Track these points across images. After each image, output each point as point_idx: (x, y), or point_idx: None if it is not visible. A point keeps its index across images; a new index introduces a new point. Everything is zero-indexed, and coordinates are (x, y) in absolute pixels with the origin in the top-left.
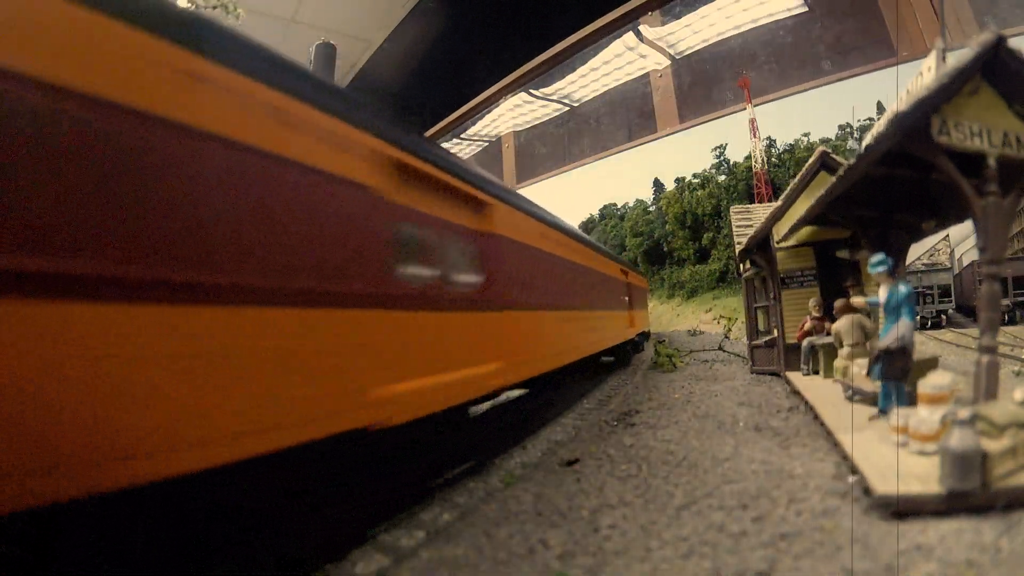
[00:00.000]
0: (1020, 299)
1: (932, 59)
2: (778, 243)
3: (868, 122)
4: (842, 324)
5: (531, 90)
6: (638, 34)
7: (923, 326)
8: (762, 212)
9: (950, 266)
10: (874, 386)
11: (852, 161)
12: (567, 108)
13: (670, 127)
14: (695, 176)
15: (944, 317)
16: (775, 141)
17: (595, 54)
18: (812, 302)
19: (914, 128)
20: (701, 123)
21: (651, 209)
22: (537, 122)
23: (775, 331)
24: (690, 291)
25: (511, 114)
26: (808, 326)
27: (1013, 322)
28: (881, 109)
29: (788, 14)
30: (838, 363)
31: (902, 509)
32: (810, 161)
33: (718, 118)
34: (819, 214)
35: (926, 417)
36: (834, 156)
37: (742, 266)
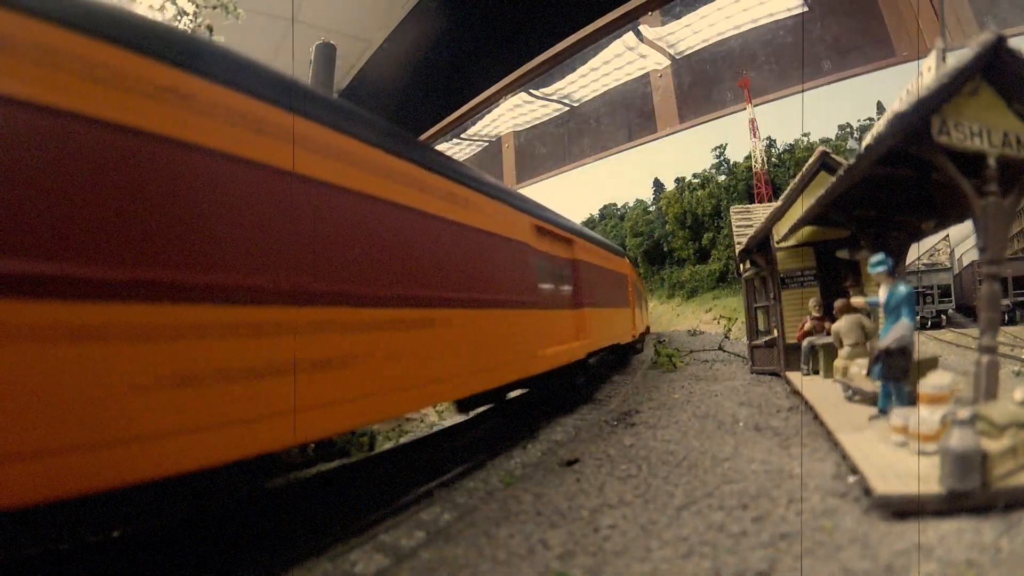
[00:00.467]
0: (1020, 299)
1: (932, 59)
2: (778, 243)
3: (868, 122)
4: (842, 324)
5: (531, 90)
6: (638, 34)
7: (923, 326)
8: (762, 212)
9: (950, 266)
10: (874, 386)
11: (852, 161)
12: (567, 108)
13: (670, 127)
14: (695, 176)
15: (944, 317)
16: (775, 141)
17: (595, 54)
18: (812, 302)
19: (914, 128)
20: (701, 123)
21: (651, 209)
22: (537, 122)
23: (775, 331)
24: (690, 291)
25: (511, 114)
26: (808, 326)
27: (1013, 322)
28: (881, 109)
29: (788, 14)
30: (838, 363)
31: (902, 509)
32: (810, 161)
33: (718, 118)
34: (819, 214)
35: (926, 417)
36: (834, 156)
37: (742, 266)
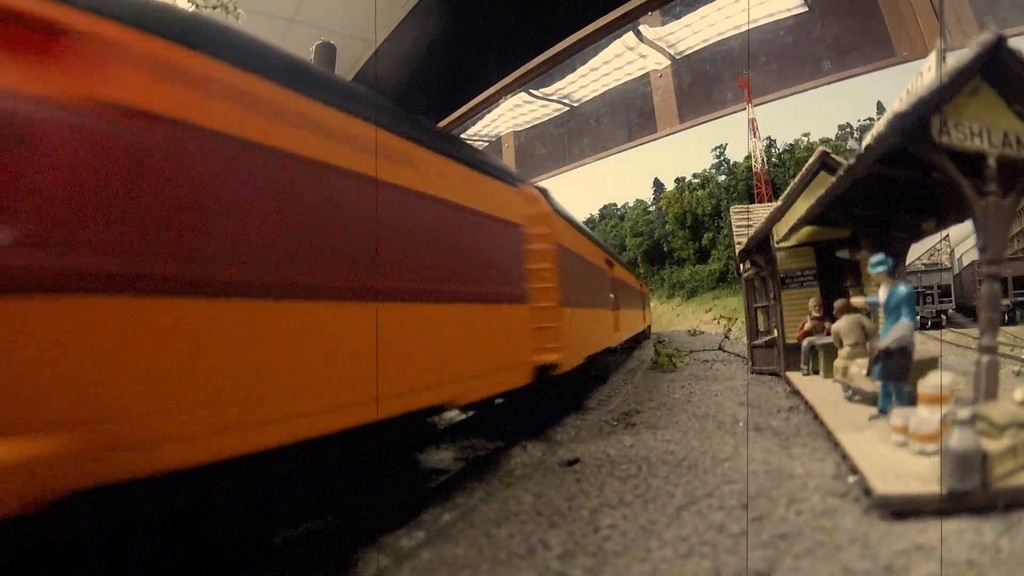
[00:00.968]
0: (1020, 299)
1: (932, 59)
2: (778, 243)
3: (868, 122)
4: (842, 324)
5: (531, 90)
6: (638, 34)
7: (923, 326)
8: (762, 212)
9: (950, 266)
10: (874, 386)
11: (852, 161)
12: (567, 108)
13: (670, 127)
14: (695, 176)
15: (944, 317)
16: (775, 141)
17: (595, 54)
18: (812, 302)
19: (914, 128)
20: (701, 123)
21: (651, 209)
22: (537, 122)
23: (775, 331)
24: (690, 291)
25: (511, 114)
26: (808, 326)
27: (1013, 322)
28: (881, 109)
29: (788, 14)
30: (838, 363)
31: (902, 509)
32: (810, 161)
33: (718, 118)
34: (819, 214)
35: (926, 417)
36: (834, 156)
37: (742, 266)
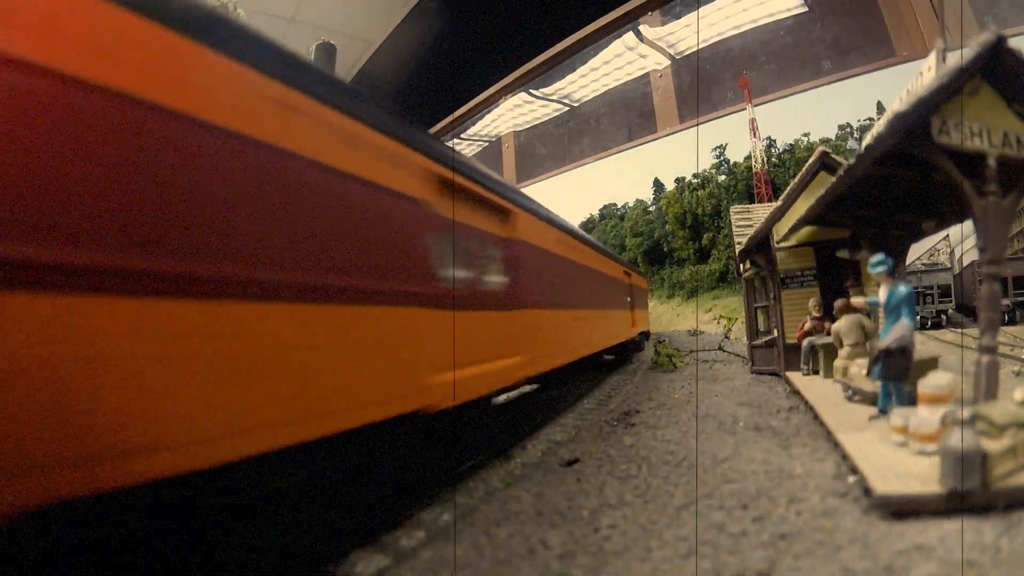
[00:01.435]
0: (1020, 299)
1: (932, 59)
2: (778, 243)
3: (868, 122)
4: (842, 324)
5: (531, 90)
6: (638, 34)
7: (923, 326)
8: (762, 212)
9: (950, 266)
10: (874, 386)
11: (852, 161)
12: (567, 108)
13: (670, 127)
14: (695, 176)
15: (944, 317)
16: (775, 141)
17: (595, 54)
18: (812, 302)
19: (914, 128)
20: (701, 123)
21: (651, 209)
22: (537, 122)
23: (775, 331)
24: (690, 291)
25: (511, 114)
26: (808, 326)
27: (1013, 322)
28: (881, 109)
29: (788, 14)
30: (838, 363)
31: (902, 509)
32: (810, 161)
33: (718, 118)
34: (819, 214)
35: (926, 417)
36: (834, 156)
37: (742, 266)
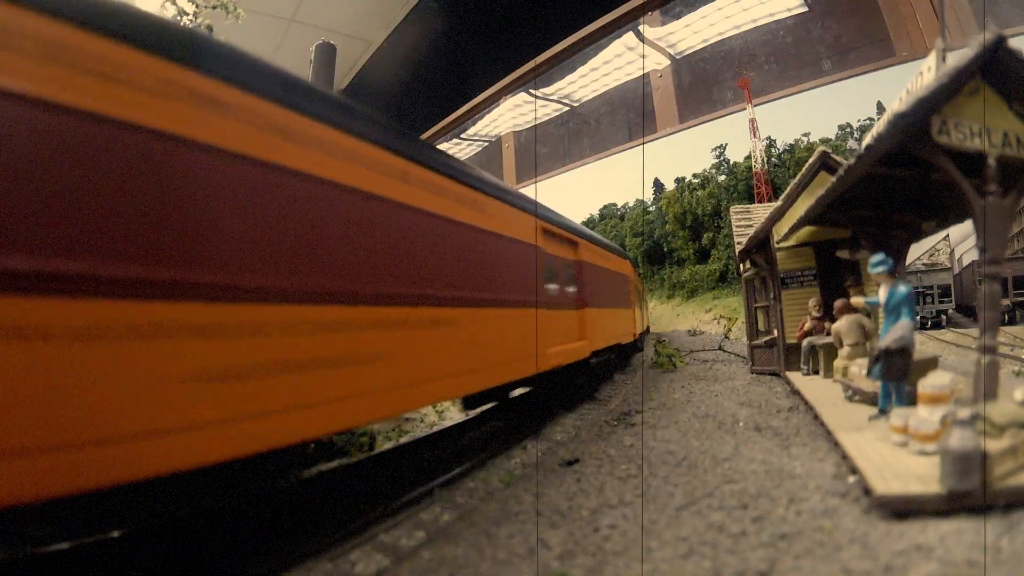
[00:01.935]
0: (1020, 299)
1: (932, 59)
2: (778, 243)
3: (868, 122)
4: (842, 324)
5: (531, 90)
6: (638, 34)
7: (923, 326)
8: (762, 212)
9: (950, 266)
10: (874, 386)
11: (852, 161)
12: (567, 108)
13: (670, 127)
14: (695, 176)
15: (944, 317)
16: (775, 141)
17: (595, 54)
18: (812, 302)
19: (914, 128)
20: (701, 123)
21: (651, 209)
22: (537, 122)
23: (775, 331)
24: (690, 291)
25: (511, 114)
26: (808, 326)
27: (1013, 322)
28: (881, 109)
29: (788, 14)
30: (838, 363)
31: (902, 509)
32: (810, 161)
33: (718, 118)
34: (819, 214)
35: (926, 417)
36: (834, 156)
37: (742, 266)
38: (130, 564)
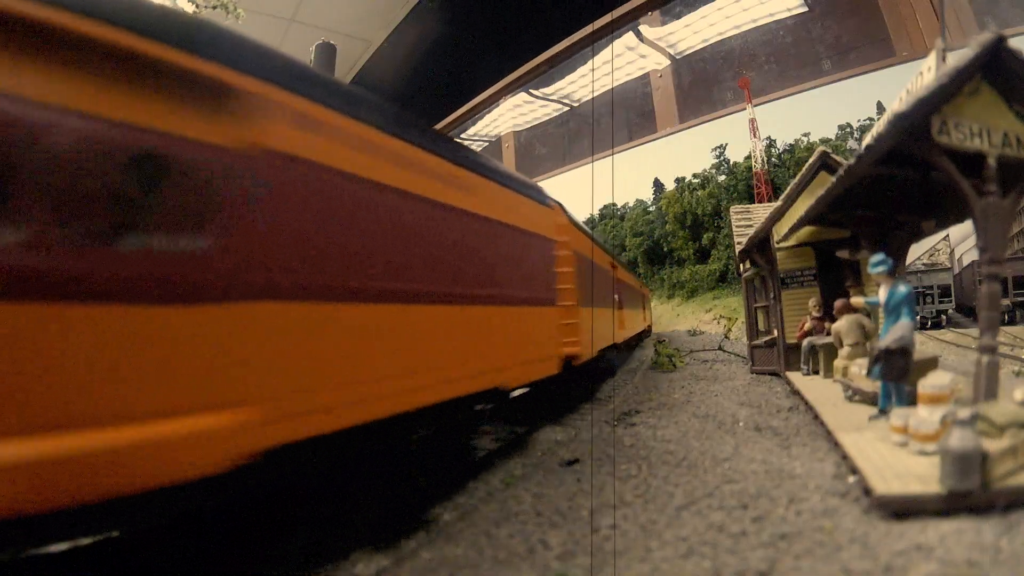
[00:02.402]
0: (1020, 299)
1: (932, 59)
2: (778, 243)
3: (868, 122)
4: (842, 324)
5: (531, 90)
6: (638, 34)
7: (923, 326)
8: (762, 212)
9: (950, 266)
10: (874, 386)
11: (852, 161)
12: (567, 108)
13: (670, 127)
14: (695, 176)
15: (944, 317)
16: (775, 141)
17: (595, 54)
18: (812, 302)
19: (914, 128)
20: (701, 123)
21: (651, 209)
22: (537, 122)
23: (775, 331)
24: (690, 291)
25: (511, 114)
26: (808, 326)
27: (1013, 322)
28: (881, 109)
29: (788, 14)
30: (838, 363)
31: (902, 509)
32: (810, 161)
33: (718, 118)
34: (819, 214)
35: (926, 417)
36: (834, 156)
37: (742, 266)
38: (129, 564)
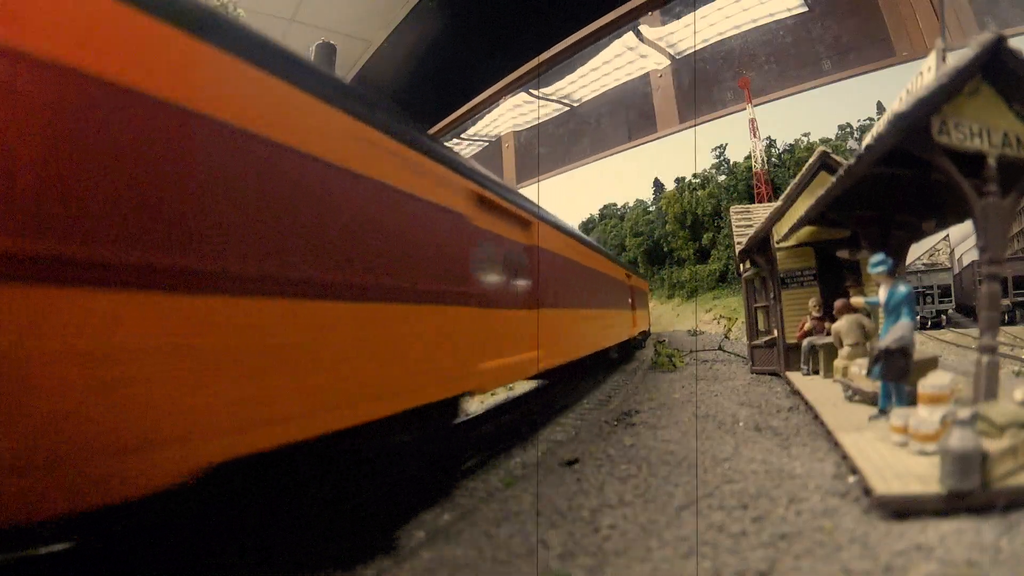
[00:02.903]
0: (1020, 299)
1: (932, 59)
2: (778, 243)
3: (868, 122)
4: (842, 324)
5: (531, 90)
6: (638, 34)
7: (923, 326)
8: (762, 212)
9: (950, 266)
10: (874, 386)
11: (852, 161)
12: (567, 108)
13: (670, 127)
14: (695, 176)
15: (944, 317)
16: (775, 141)
17: (595, 54)
18: (812, 302)
19: (914, 128)
20: (701, 123)
21: (651, 209)
22: (537, 122)
23: (775, 331)
24: (690, 291)
25: (511, 114)
26: (808, 326)
27: (1013, 322)
28: (881, 109)
29: (788, 14)
30: (838, 363)
31: (902, 509)
32: (810, 161)
33: (718, 118)
34: (819, 214)
35: (926, 417)
36: (834, 156)
37: (742, 266)
38: (129, 565)
